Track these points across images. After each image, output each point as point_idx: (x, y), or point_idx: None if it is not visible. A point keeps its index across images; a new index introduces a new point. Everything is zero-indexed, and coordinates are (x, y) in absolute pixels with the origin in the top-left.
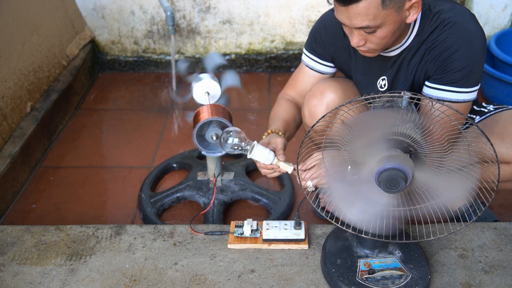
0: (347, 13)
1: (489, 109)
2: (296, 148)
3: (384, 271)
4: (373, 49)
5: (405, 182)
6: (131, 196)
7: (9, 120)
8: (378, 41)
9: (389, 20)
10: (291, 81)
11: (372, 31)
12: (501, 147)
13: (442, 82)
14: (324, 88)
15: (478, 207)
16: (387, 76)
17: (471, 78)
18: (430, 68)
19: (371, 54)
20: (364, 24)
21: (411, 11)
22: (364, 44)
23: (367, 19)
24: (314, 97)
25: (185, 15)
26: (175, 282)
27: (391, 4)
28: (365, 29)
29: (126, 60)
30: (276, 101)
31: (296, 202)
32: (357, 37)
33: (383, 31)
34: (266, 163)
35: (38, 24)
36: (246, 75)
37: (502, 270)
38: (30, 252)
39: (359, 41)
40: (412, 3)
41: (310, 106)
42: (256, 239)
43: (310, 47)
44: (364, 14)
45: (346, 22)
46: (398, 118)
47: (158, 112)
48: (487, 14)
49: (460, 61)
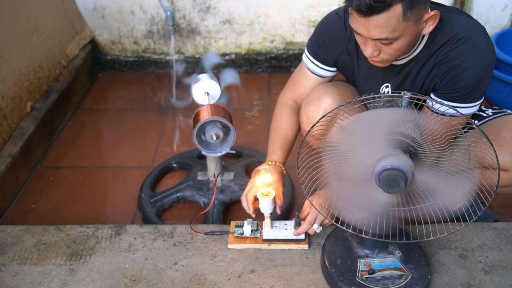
0: (366, 24)
1: (488, 114)
2: (296, 149)
3: (384, 271)
4: (386, 60)
5: (405, 183)
6: (131, 196)
7: (9, 120)
8: (393, 52)
9: (407, 32)
10: (291, 82)
11: (389, 43)
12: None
13: (447, 98)
14: (321, 93)
15: (478, 207)
16: (391, 84)
17: (476, 95)
18: (438, 82)
19: (383, 64)
20: (383, 36)
21: (428, 23)
22: (378, 55)
23: (386, 31)
24: (312, 103)
25: (185, 15)
26: (175, 282)
27: (412, 16)
28: (382, 40)
29: (126, 60)
30: (277, 105)
31: (296, 202)
32: (372, 47)
33: (400, 42)
34: (264, 213)
35: (38, 24)
36: (246, 75)
37: (502, 270)
38: (30, 252)
39: (373, 52)
40: (430, 15)
41: (307, 112)
42: (256, 239)
43: (312, 50)
44: (384, 26)
45: (364, 33)
46: (399, 118)
47: (158, 112)
48: (487, 14)
49: (469, 79)
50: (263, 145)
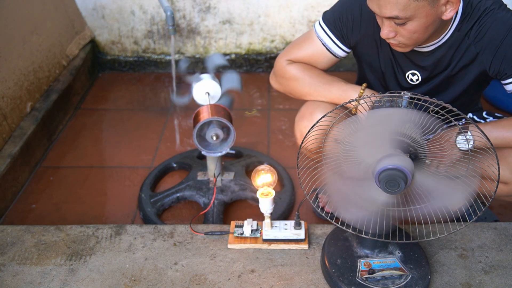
0: (378, 1)
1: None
2: (296, 149)
3: (384, 271)
4: (403, 43)
5: (405, 183)
6: (131, 196)
7: (9, 120)
8: (409, 35)
9: (421, 13)
10: (293, 48)
11: (402, 23)
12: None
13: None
14: (313, 108)
15: (478, 207)
16: (419, 71)
17: None
18: (485, 60)
19: (401, 49)
20: (393, 14)
21: (447, 7)
22: (394, 37)
23: (396, 9)
24: (304, 118)
25: (185, 15)
26: (175, 282)
27: None
28: (395, 19)
29: (126, 60)
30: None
31: (296, 202)
32: (387, 27)
33: (414, 24)
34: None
35: (38, 24)
36: (246, 75)
37: (502, 270)
38: (30, 252)
39: (388, 33)
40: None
41: (301, 128)
42: (256, 239)
43: (332, 23)
44: (394, 3)
45: (376, 11)
46: (401, 118)
47: (158, 112)
48: None
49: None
50: (263, 145)
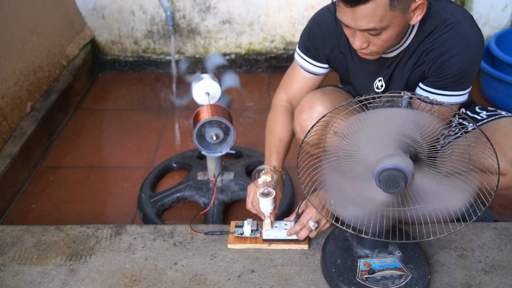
0: (353, 15)
1: (482, 117)
2: (296, 149)
3: (384, 271)
4: (375, 52)
5: (405, 183)
6: (131, 196)
7: (9, 120)
8: (382, 44)
9: (395, 22)
10: (285, 82)
11: (377, 33)
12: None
13: (436, 86)
14: (312, 101)
15: (478, 207)
16: (383, 77)
17: (465, 82)
18: (426, 69)
19: (372, 56)
20: (370, 26)
21: (415, 13)
22: (367, 47)
23: (374, 21)
24: (304, 112)
25: (185, 15)
26: (175, 282)
27: (398, 6)
28: (370, 31)
29: (126, 60)
30: (272, 108)
31: (296, 202)
32: (360, 39)
33: (388, 33)
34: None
35: (38, 24)
36: (246, 75)
37: (502, 270)
38: (30, 252)
39: (362, 44)
40: (418, 4)
41: (300, 121)
42: (256, 239)
43: (304, 47)
44: (371, 15)
45: (351, 24)
46: (402, 118)
47: (158, 112)
48: (487, 14)
49: (457, 66)
50: (263, 145)
